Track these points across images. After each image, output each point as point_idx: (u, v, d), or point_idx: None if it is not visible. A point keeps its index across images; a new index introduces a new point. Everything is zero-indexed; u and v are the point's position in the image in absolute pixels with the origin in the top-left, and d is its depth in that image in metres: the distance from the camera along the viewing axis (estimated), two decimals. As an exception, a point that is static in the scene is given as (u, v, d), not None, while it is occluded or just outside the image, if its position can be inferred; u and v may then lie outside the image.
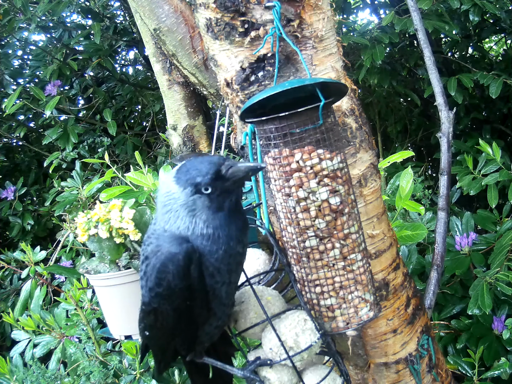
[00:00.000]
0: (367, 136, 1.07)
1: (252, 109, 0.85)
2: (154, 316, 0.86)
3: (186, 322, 0.85)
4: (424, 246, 2.24)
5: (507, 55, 3.52)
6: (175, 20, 1.23)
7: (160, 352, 0.94)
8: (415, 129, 3.59)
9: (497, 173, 2.27)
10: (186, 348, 0.91)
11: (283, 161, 0.86)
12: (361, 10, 3.51)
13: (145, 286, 0.85)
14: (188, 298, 0.82)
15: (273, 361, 0.90)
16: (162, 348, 0.92)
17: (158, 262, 0.81)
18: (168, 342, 0.90)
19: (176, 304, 0.82)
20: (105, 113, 3.08)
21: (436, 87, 1.64)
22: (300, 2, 0.94)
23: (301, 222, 0.87)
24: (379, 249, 1.12)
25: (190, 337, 0.88)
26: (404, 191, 1.56)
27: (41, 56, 3.22)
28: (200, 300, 0.83)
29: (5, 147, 3.60)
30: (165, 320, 0.85)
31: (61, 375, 1.67)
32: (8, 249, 2.92)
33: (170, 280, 0.80)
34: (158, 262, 0.81)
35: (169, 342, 0.90)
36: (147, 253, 0.84)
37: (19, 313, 2.02)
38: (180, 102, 1.44)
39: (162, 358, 0.95)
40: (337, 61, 1.02)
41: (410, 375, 1.22)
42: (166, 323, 0.86)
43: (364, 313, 0.92)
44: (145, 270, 0.85)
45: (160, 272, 0.81)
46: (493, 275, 1.82)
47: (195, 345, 0.90)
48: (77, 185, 2.46)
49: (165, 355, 0.94)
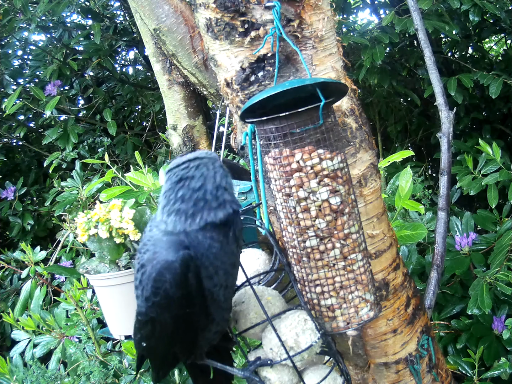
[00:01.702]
0: (367, 136, 1.07)
1: (252, 109, 0.85)
2: (151, 326, 0.84)
3: (185, 330, 0.83)
4: (424, 246, 2.24)
5: (507, 55, 3.52)
6: (175, 20, 1.23)
7: (159, 361, 0.91)
8: (415, 129, 3.59)
9: (497, 173, 2.27)
10: (187, 354, 0.89)
11: (283, 161, 0.86)
12: (361, 10, 3.51)
13: (141, 295, 0.82)
14: (187, 305, 0.80)
15: (274, 361, 0.90)
16: (161, 356, 0.90)
17: (154, 271, 0.79)
18: (167, 350, 0.88)
19: (174, 312, 0.80)
20: (105, 113, 3.08)
21: (436, 87, 1.64)
22: (300, 2, 0.94)
23: (302, 222, 0.87)
24: (379, 249, 1.12)
25: (189, 343, 0.86)
26: (403, 190, 1.56)
27: (41, 56, 3.22)
28: (199, 306, 0.81)
29: (5, 147, 3.59)
30: (163, 329, 0.83)
31: (61, 375, 1.68)
32: (8, 249, 2.93)
33: (167, 288, 0.78)
34: (154, 271, 0.79)
35: (168, 350, 0.88)
36: (143, 261, 0.82)
37: (19, 313, 2.02)
38: (180, 102, 1.44)
39: (161, 367, 0.93)
40: (337, 61, 1.02)
41: (410, 375, 1.22)
42: (165, 332, 0.83)
43: (365, 313, 0.92)
44: (140, 279, 0.82)
45: (156, 281, 0.78)
46: (493, 275, 1.82)
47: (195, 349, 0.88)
48: (77, 185, 2.46)
49: (164, 363, 0.92)
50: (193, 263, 0.77)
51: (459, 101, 2.72)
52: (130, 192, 1.50)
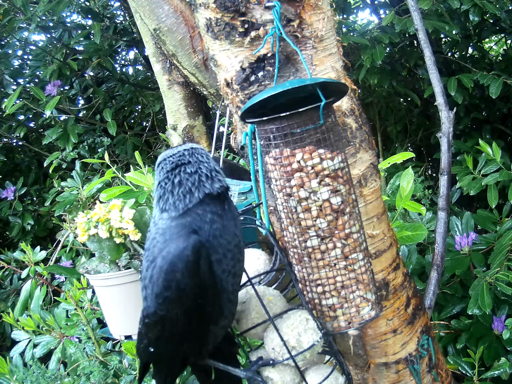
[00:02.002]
0: (367, 136, 1.07)
1: (252, 109, 0.85)
2: (161, 326, 0.83)
3: (196, 324, 0.83)
4: (424, 246, 2.24)
5: (507, 55, 3.51)
6: (175, 20, 1.23)
7: (166, 365, 0.90)
8: (415, 129, 3.59)
9: (497, 173, 2.27)
10: (196, 353, 0.88)
11: (284, 161, 0.86)
12: (361, 10, 3.51)
13: (150, 294, 0.82)
14: (199, 296, 0.80)
15: (276, 361, 0.90)
16: (170, 359, 0.89)
17: (166, 263, 0.79)
18: (176, 352, 0.87)
19: (186, 305, 0.80)
20: (105, 113, 3.08)
21: (436, 87, 1.64)
22: (300, 2, 0.94)
23: (303, 222, 0.87)
24: (379, 249, 1.12)
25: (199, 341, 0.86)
26: (404, 191, 1.56)
27: (41, 56, 3.22)
28: (212, 296, 0.81)
29: (5, 147, 3.59)
30: (174, 327, 0.82)
31: (61, 375, 1.67)
32: (8, 249, 2.93)
33: (179, 280, 0.78)
34: (165, 263, 0.79)
35: (177, 351, 0.87)
36: (154, 255, 0.81)
37: (19, 313, 2.02)
38: (180, 102, 1.44)
39: (169, 372, 0.91)
40: (337, 61, 1.02)
41: (410, 375, 1.22)
42: (175, 329, 0.83)
43: (366, 312, 0.92)
44: (151, 274, 0.81)
45: (168, 273, 0.78)
46: (493, 275, 1.82)
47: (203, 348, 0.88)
48: (77, 185, 2.46)
49: (172, 367, 0.90)
50: (204, 248, 0.79)
51: (459, 101, 2.72)
52: (130, 192, 1.50)
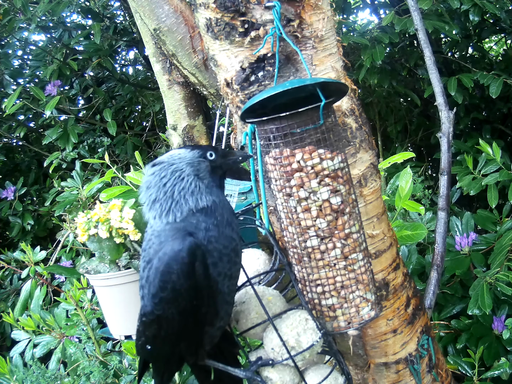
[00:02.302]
0: (367, 136, 1.07)
1: (253, 109, 0.85)
2: (157, 325, 0.84)
3: (192, 325, 0.83)
4: (424, 246, 2.24)
5: (507, 55, 3.52)
6: (175, 20, 1.23)
7: (163, 363, 0.91)
8: (415, 129, 3.59)
9: (497, 173, 2.27)
10: (192, 353, 0.89)
11: (284, 161, 0.86)
12: (361, 10, 3.51)
13: (147, 294, 0.83)
14: (195, 297, 0.80)
15: (275, 361, 0.90)
16: (167, 358, 0.90)
17: (162, 264, 0.80)
18: (172, 351, 0.88)
19: (182, 306, 0.81)
20: (105, 113, 3.08)
21: (436, 87, 1.64)
22: (300, 2, 0.94)
23: (302, 222, 0.87)
24: (379, 249, 1.12)
25: (195, 341, 0.86)
26: (403, 191, 1.56)
27: (41, 56, 3.22)
28: (207, 297, 0.81)
29: (5, 147, 3.59)
30: (170, 327, 0.83)
31: (61, 375, 1.68)
32: (8, 249, 2.93)
33: (175, 281, 0.79)
34: (161, 264, 0.80)
35: (173, 350, 0.87)
36: (150, 256, 0.82)
37: (19, 313, 2.02)
38: (180, 102, 1.44)
39: (166, 370, 0.92)
40: (337, 61, 1.02)
41: (410, 375, 1.22)
42: (171, 329, 0.84)
43: (366, 312, 0.92)
44: (147, 274, 0.83)
45: (163, 274, 0.79)
46: (493, 275, 1.82)
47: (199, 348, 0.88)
48: (77, 185, 2.46)
49: (169, 365, 0.91)
50: (199, 251, 0.79)
51: (459, 101, 2.72)
52: (130, 192, 1.50)
